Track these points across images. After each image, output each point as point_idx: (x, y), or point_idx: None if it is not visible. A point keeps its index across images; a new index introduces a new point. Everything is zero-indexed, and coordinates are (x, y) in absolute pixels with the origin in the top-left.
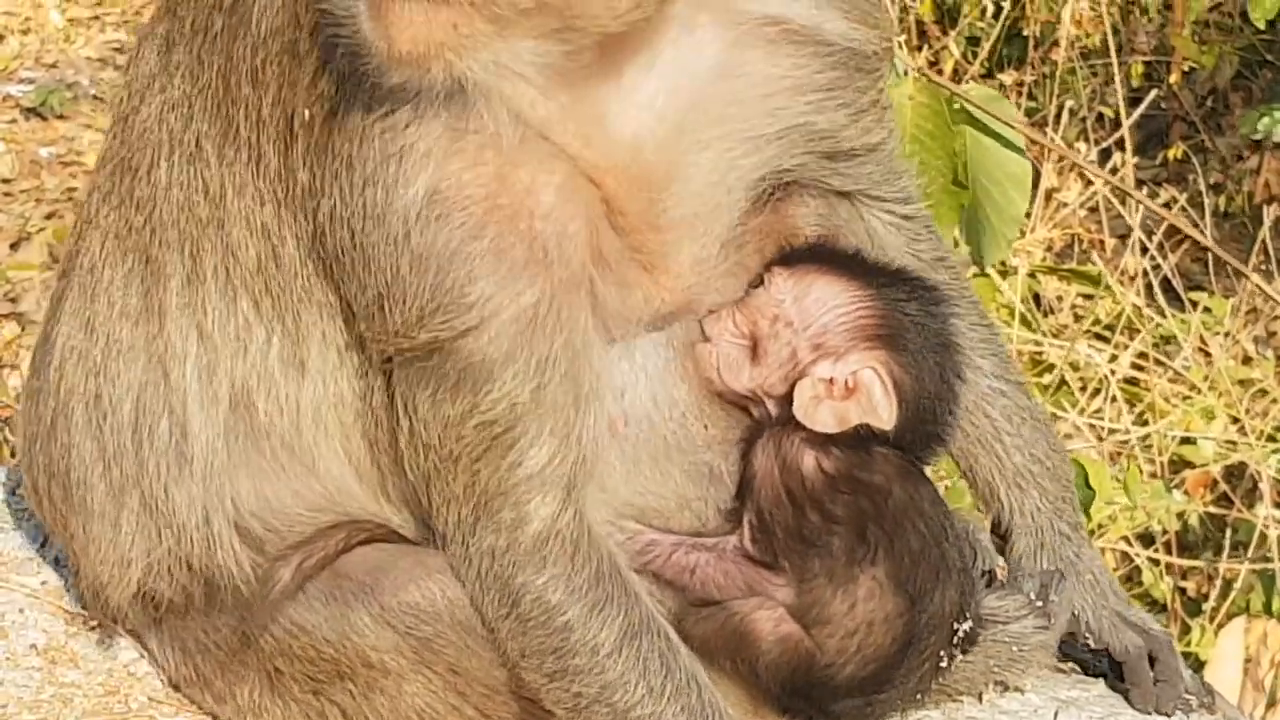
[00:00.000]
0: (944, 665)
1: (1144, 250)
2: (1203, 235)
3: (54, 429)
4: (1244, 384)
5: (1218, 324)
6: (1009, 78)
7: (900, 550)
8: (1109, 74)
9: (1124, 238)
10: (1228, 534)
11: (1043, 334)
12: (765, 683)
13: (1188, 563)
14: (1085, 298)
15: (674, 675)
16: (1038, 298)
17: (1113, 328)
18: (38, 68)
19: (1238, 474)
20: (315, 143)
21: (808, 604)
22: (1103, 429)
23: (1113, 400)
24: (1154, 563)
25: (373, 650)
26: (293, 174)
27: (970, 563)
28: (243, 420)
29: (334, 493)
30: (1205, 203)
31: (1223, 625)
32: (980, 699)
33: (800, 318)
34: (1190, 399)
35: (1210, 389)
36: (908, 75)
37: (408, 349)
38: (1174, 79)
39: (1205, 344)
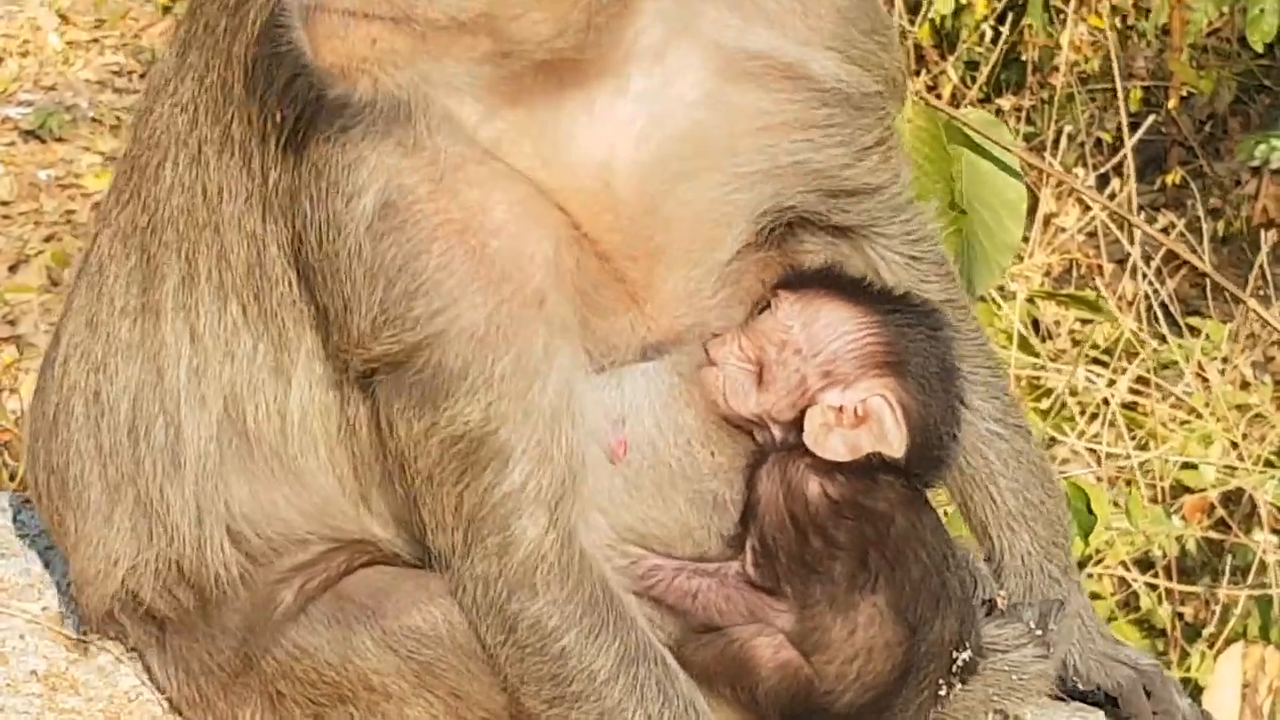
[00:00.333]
0: (943, 694)
1: (1142, 275)
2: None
3: (56, 425)
4: (1241, 409)
5: (1216, 349)
6: (1007, 102)
7: (901, 578)
8: (1108, 99)
9: (1122, 263)
10: (1226, 559)
11: (1042, 359)
12: (764, 710)
13: (1186, 588)
14: (1084, 323)
15: (671, 702)
16: (1036, 323)
17: (1111, 353)
18: (36, 90)
19: (1235, 499)
20: (292, 147)
21: (808, 630)
22: (1102, 454)
23: (1111, 425)
24: (1152, 588)
25: (374, 673)
26: (274, 177)
27: (971, 592)
28: (234, 425)
29: (321, 504)
30: (1203, 228)
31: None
32: None
33: (809, 344)
34: (1189, 424)
35: (1210, 414)
36: (906, 99)
37: (368, 360)
38: (1172, 104)
39: (1204, 369)
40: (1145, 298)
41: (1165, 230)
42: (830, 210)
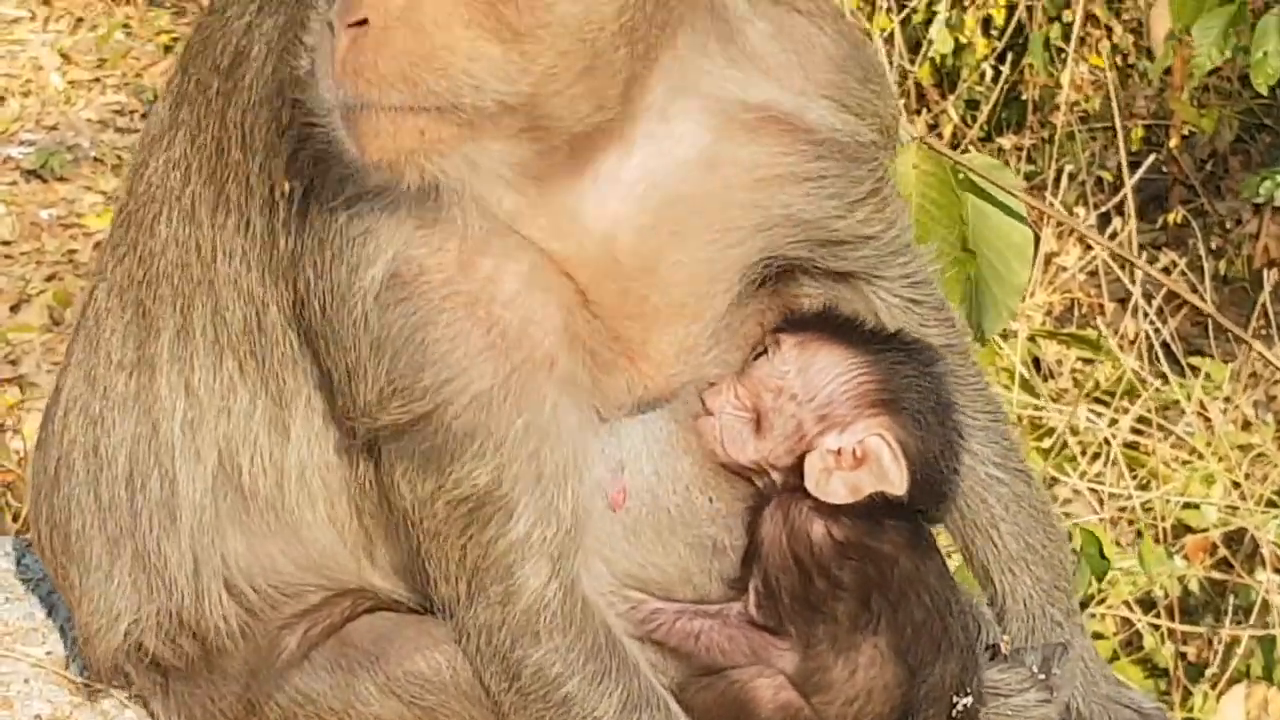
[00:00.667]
0: None
1: (1144, 314)
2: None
3: (57, 479)
4: (1244, 449)
5: (1217, 389)
6: (1008, 141)
7: (903, 620)
8: (1109, 138)
9: (1124, 302)
10: (1229, 599)
11: (1043, 399)
12: None
13: (1189, 628)
14: (1085, 362)
15: None
16: (1037, 362)
17: (1113, 392)
18: (38, 130)
19: (1237, 539)
20: (295, 215)
21: (810, 670)
22: (1104, 494)
23: (1113, 465)
24: (1155, 628)
25: (377, 719)
26: (276, 243)
27: (973, 637)
28: (229, 479)
29: (318, 557)
30: (1205, 267)
31: (1224, 691)
32: None
33: (804, 390)
34: (1191, 464)
35: (1211, 454)
36: (911, 143)
37: (374, 428)
38: (1174, 143)
39: (1205, 409)
40: (1147, 337)
41: (1167, 269)
42: (823, 259)
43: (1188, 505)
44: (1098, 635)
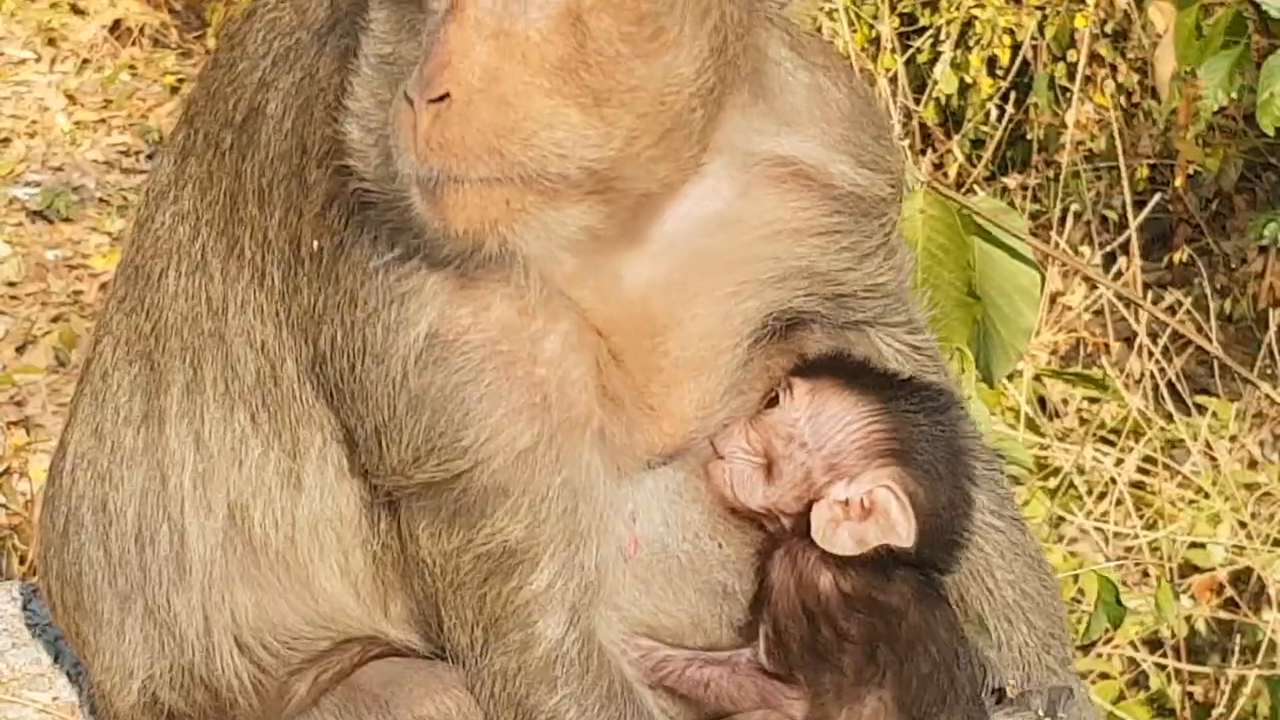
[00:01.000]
0: None
1: (1149, 354)
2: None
3: (66, 535)
4: (1250, 488)
5: (1223, 428)
6: (1013, 181)
7: (909, 673)
8: (1114, 177)
9: (1129, 341)
10: (1235, 639)
11: (1049, 438)
12: None
13: (1196, 668)
14: (1091, 401)
15: None
16: (1043, 401)
17: (1119, 431)
18: (44, 171)
19: (1244, 579)
20: (321, 272)
21: (816, 718)
22: (1109, 533)
23: (1119, 504)
24: (1161, 667)
25: None
26: (296, 298)
27: (980, 689)
28: (240, 532)
29: (329, 610)
30: (1210, 306)
31: None
32: None
33: (814, 438)
34: (1197, 503)
35: (1218, 493)
36: (918, 188)
37: (405, 486)
38: (1179, 182)
39: (1211, 448)
40: (1152, 376)
41: (1172, 308)
42: (832, 311)
43: (1194, 545)
44: (1104, 675)
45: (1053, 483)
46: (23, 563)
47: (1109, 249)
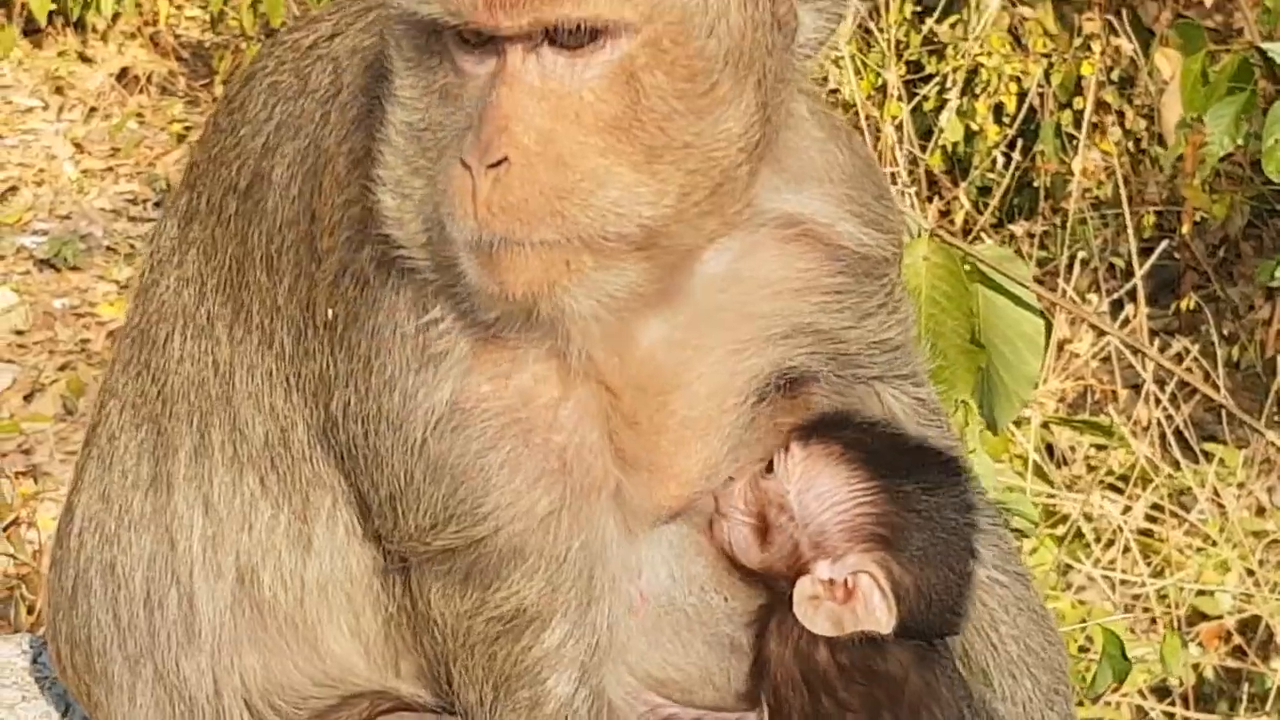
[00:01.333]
0: None
1: (1156, 401)
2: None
3: (75, 598)
4: (1258, 535)
5: (1231, 475)
6: (1020, 228)
7: None
8: (1120, 224)
9: (1137, 388)
10: (1244, 687)
11: (1056, 485)
12: None
13: (1204, 716)
14: (1098, 448)
15: None
16: (1050, 449)
17: (1126, 479)
18: (51, 219)
19: (1252, 627)
20: (335, 338)
21: None
22: (1116, 580)
23: (1127, 551)
24: (1169, 716)
25: None
26: (306, 362)
27: None
28: (249, 595)
29: (337, 671)
30: (1218, 353)
31: None
32: None
33: (802, 513)
34: (1205, 550)
35: (1226, 540)
36: (922, 235)
37: (421, 552)
38: (1185, 229)
39: (1219, 495)
40: (1160, 424)
41: (1179, 355)
42: (836, 368)
43: (1202, 592)
44: None
45: (1060, 530)
46: (31, 613)
47: (1116, 296)
